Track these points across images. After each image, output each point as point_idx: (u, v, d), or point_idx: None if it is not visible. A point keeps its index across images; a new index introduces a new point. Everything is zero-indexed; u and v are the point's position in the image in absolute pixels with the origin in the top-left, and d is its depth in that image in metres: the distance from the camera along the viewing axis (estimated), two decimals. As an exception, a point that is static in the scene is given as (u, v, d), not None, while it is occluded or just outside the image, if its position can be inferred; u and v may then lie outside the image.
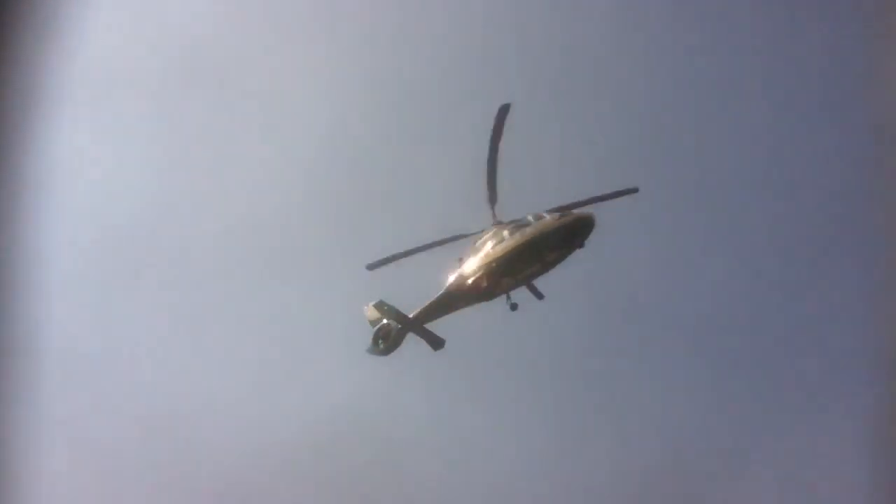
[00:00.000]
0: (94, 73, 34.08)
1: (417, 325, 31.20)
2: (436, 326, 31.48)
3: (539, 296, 30.84)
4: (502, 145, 29.87)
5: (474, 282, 30.37)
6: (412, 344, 31.84)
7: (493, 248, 30.26)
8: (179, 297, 34.44)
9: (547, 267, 30.14)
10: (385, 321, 31.41)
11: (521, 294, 30.76)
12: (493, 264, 30.09)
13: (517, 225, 30.22)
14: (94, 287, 33.86)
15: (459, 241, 30.96)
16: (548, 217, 29.85)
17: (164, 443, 32.07)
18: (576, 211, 29.81)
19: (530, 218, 30.14)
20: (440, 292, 31.04)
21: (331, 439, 32.80)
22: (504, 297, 30.59)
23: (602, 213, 32.81)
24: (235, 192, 36.37)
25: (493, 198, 30.36)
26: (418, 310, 31.17)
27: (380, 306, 31.31)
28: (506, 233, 30.25)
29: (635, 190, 30.39)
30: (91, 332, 32.96)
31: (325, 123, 36.68)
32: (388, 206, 35.74)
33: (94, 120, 34.97)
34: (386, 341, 31.29)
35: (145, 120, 35.99)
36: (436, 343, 31.50)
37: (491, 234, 30.59)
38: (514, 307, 30.59)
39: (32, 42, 29.02)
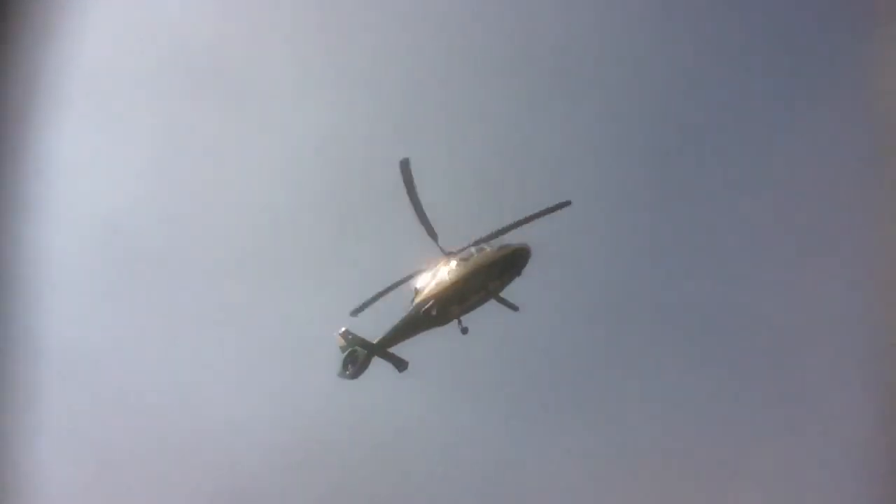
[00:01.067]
0: (94, 73, 35.19)
1: (381, 350, 34.63)
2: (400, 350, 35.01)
3: (513, 307, 34.04)
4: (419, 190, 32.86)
5: (427, 310, 33.76)
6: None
7: (441, 279, 33.71)
8: (179, 297, 36.16)
9: (491, 294, 33.53)
10: (352, 348, 34.79)
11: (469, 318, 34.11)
12: (443, 294, 33.59)
13: (462, 257, 33.57)
14: (94, 287, 35.46)
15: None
16: (488, 249, 33.23)
17: (161, 443, 34.15)
18: (514, 243, 33.14)
19: (473, 250, 33.53)
20: (400, 320, 34.44)
21: (325, 441, 35.61)
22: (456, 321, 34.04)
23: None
24: (236, 193, 37.69)
25: (432, 234, 33.51)
26: (381, 336, 34.56)
27: (345, 335, 34.81)
28: (453, 264, 33.62)
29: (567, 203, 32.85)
30: (90, 332, 34.70)
31: (325, 124, 38.34)
32: (386, 208, 37.39)
33: (94, 120, 36.09)
34: (354, 366, 34.70)
35: (146, 120, 37.08)
36: (400, 365, 34.99)
37: (440, 266, 33.91)
38: (464, 331, 34.01)
39: (32, 42, 31.25)
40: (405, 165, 32.03)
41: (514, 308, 34.42)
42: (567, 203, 32.57)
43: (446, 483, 35.50)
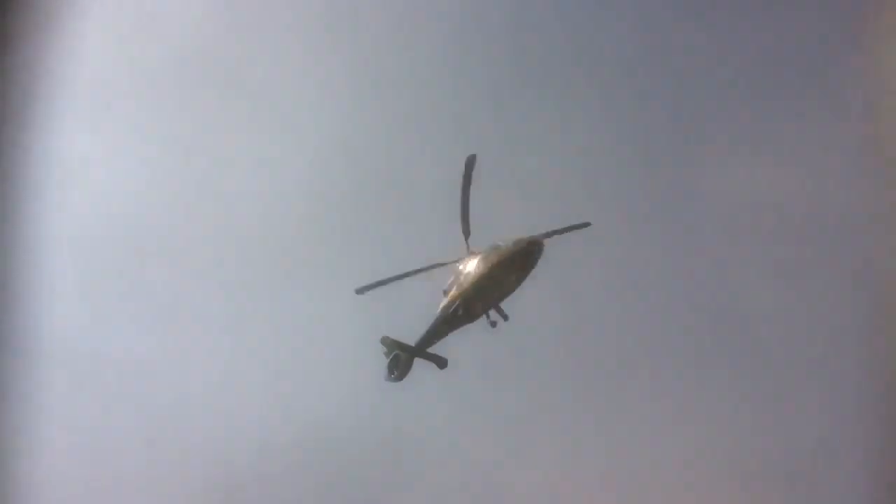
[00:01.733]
0: (94, 73, 35.81)
1: (421, 351, 36.83)
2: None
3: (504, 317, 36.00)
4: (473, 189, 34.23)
5: (454, 310, 35.84)
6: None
7: (463, 280, 35.61)
8: (181, 297, 36.47)
9: (512, 287, 35.35)
10: (394, 352, 37.07)
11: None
12: (467, 293, 35.40)
13: (482, 256, 35.52)
14: (94, 287, 35.84)
15: (439, 268, 35.83)
16: (502, 245, 35.13)
17: (165, 443, 35.00)
18: (525, 237, 34.94)
19: (490, 248, 35.42)
20: (432, 322, 36.53)
21: (334, 441, 36.29)
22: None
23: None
24: (238, 193, 37.57)
25: (466, 232, 35.47)
26: (418, 339, 36.73)
27: (385, 340, 36.78)
28: (473, 263, 35.55)
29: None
30: (91, 332, 35.30)
31: (328, 125, 38.05)
32: (391, 207, 37.84)
33: (93, 120, 36.18)
34: (398, 369, 36.98)
35: (146, 120, 36.88)
36: (440, 363, 36.97)
37: (463, 265, 35.89)
38: (493, 325, 35.91)
39: (32, 42, 32.37)
40: (471, 161, 33.48)
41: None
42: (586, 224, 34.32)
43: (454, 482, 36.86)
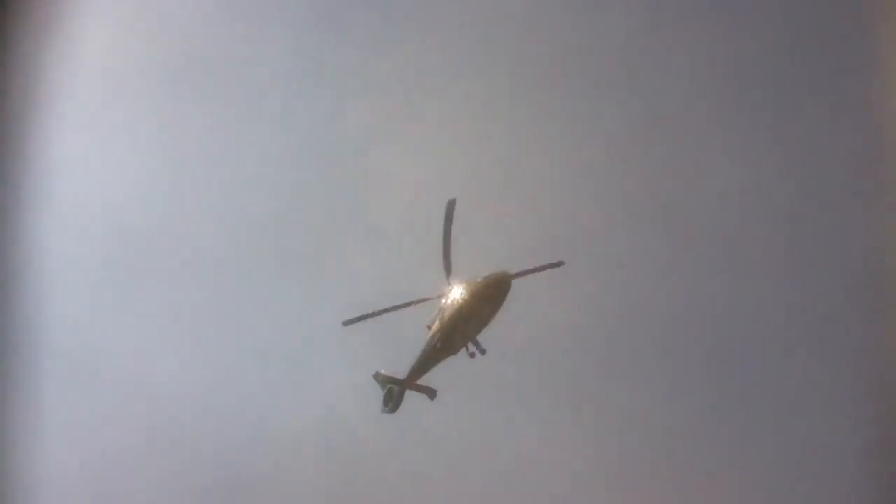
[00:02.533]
0: (93, 74, 37.03)
1: (411, 383, 39.43)
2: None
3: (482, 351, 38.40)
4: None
5: (434, 343, 38.45)
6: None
7: (443, 315, 38.25)
8: (180, 297, 37.58)
9: (487, 320, 37.88)
10: (388, 386, 39.69)
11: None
12: (446, 328, 38.15)
13: (458, 292, 37.98)
14: (94, 287, 36.81)
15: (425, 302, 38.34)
16: (474, 282, 37.59)
17: (164, 444, 36.21)
18: (495, 272, 37.38)
19: (465, 285, 37.86)
20: (418, 356, 39.09)
21: (334, 443, 38.29)
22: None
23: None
24: (236, 193, 38.55)
25: (448, 270, 37.98)
26: (408, 372, 39.31)
27: (377, 376, 39.62)
28: (451, 298, 38.10)
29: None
30: (91, 332, 36.41)
31: (325, 125, 39.18)
32: (385, 209, 39.06)
33: (93, 120, 37.29)
34: (392, 401, 39.58)
35: (146, 120, 37.78)
36: (430, 394, 39.65)
37: (444, 301, 38.44)
38: (472, 356, 38.52)
39: (32, 42, 33.55)
40: (451, 205, 36.07)
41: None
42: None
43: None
